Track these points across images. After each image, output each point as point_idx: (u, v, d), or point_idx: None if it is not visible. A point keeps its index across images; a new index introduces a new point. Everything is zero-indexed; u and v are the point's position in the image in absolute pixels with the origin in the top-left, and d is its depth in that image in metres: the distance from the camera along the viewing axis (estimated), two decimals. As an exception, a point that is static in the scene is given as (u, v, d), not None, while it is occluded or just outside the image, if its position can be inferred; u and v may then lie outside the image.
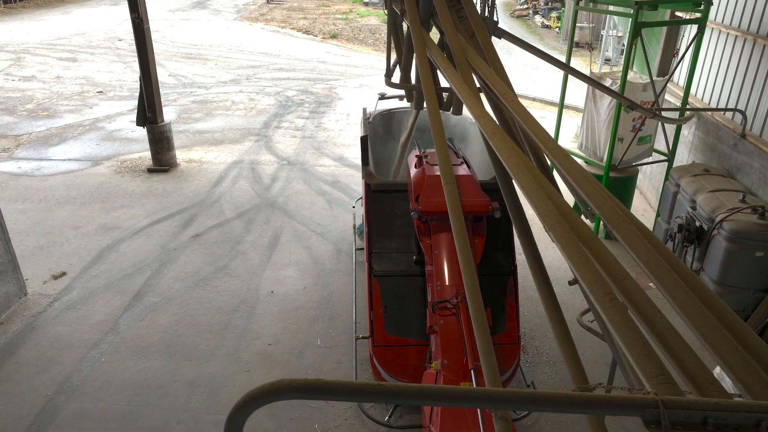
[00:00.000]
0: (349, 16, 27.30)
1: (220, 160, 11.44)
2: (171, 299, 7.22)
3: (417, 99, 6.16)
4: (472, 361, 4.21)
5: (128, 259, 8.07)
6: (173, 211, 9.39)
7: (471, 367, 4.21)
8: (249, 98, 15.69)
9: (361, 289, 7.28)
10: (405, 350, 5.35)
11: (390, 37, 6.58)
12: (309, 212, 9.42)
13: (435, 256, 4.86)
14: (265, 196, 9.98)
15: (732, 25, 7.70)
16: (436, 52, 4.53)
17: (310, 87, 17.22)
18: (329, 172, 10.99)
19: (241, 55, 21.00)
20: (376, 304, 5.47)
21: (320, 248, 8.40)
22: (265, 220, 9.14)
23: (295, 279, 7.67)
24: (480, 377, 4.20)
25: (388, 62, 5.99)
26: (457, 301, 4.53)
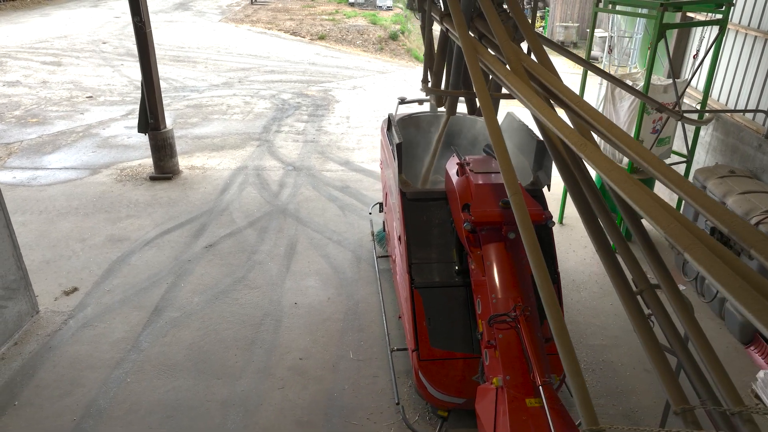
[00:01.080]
0: (336, 17, 27.05)
1: (224, 167, 11.17)
2: (192, 314, 6.97)
3: (450, 104, 6.01)
4: (540, 377, 4.09)
5: (141, 272, 7.79)
6: (182, 221, 9.10)
7: (540, 384, 4.09)
8: (245, 102, 15.39)
9: (388, 298, 7.13)
10: (451, 364, 5.20)
11: (428, 42, 6.40)
12: (322, 219, 9.23)
13: (488, 267, 4.72)
14: (275, 203, 9.75)
15: (751, 26, 7.71)
16: (491, 58, 4.39)
17: (305, 89, 16.98)
18: (337, 177, 10.79)
19: (230, 58, 20.64)
20: (420, 317, 5.32)
21: (339, 256, 8.21)
22: (278, 229, 8.92)
23: (317, 289, 7.47)
24: (548, 393, 4.09)
25: (426, 68, 5.82)
26: (517, 315, 4.40)
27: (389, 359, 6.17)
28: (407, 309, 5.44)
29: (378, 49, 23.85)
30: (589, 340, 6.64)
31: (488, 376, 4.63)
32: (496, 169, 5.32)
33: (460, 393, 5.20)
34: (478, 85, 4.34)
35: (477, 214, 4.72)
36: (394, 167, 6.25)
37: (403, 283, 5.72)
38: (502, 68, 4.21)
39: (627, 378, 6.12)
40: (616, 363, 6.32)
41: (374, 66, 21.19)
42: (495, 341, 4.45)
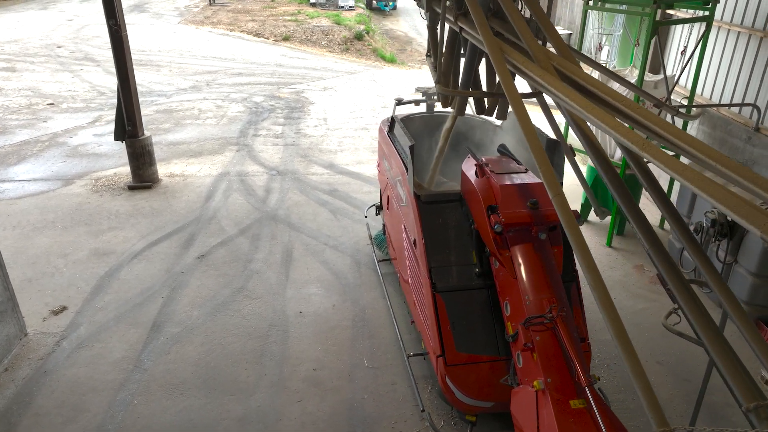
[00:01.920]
0: (299, 18, 26.70)
1: (205, 173, 10.81)
2: (193, 328, 6.69)
3: (460, 105, 5.94)
4: (585, 379, 4.06)
5: (133, 286, 7.44)
6: (169, 231, 8.75)
7: (585, 385, 4.05)
8: (216, 106, 14.99)
9: (395, 303, 7.02)
10: (478, 367, 5.13)
11: (434, 41, 6.29)
12: (315, 224, 9.03)
13: (519, 268, 4.67)
14: (264, 209, 9.49)
15: (734, 22, 7.94)
16: (520, 58, 4.33)
17: (276, 92, 16.67)
18: (324, 181, 10.60)
19: (194, 61, 20.08)
20: (444, 322, 5.23)
21: (337, 262, 8.05)
22: (271, 236, 8.68)
23: (321, 297, 7.29)
24: (593, 394, 4.06)
25: (441, 67, 5.72)
26: (554, 316, 4.37)
27: (406, 365, 6.06)
28: (430, 314, 5.34)
29: (344, 50, 23.66)
30: (599, 335, 6.68)
31: (523, 378, 4.59)
32: (516, 169, 5.29)
33: (489, 396, 5.14)
34: (508, 86, 4.26)
35: (506, 215, 4.67)
36: (403, 169, 6.15)
37: (421, 288, 5.62)
38: (536, 68, 4.16)
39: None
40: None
41: (342, 66, 21.00)
42: (532, 344, 4.40)
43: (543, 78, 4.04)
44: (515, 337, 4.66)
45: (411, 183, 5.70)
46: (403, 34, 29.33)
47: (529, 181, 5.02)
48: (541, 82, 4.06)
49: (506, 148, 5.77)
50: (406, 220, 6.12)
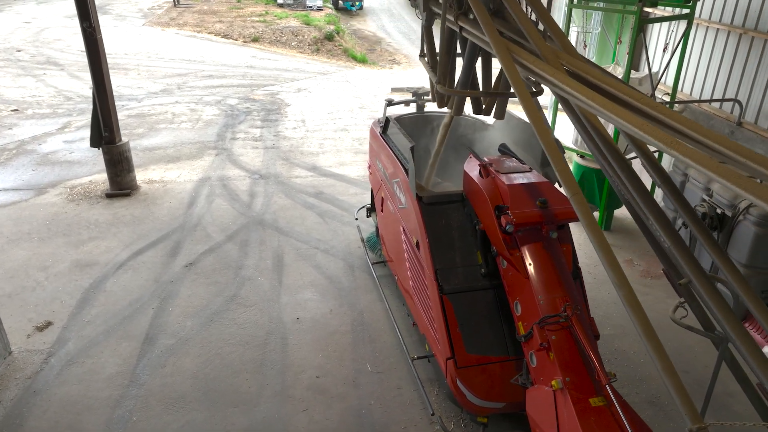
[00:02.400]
0: (267, 18, 26.36)
1: (185, 179, 10.55)
2: (188, 339, 6.49)
3: (458, 105, 5.90)
4: (605, 377, 4.07)
5: (121, 298, 7.18)
6: (153, 239, 8.49)
7: (605, 383, 4.06)
8: (190, 109, 14.65)
9: (394, 305, 6.95)
10: (489, 368, 5.11)
11: (430, 41, 6.23)
12: (303, 228, 8.89)
13: (530, 268, 4.65)
14: (250, 214, 9.30)
15: (713, 19, 8.12)
16: (530, 58, 4.32)
17: (250, 94, 16.40)
18: (308, 184, 10.46)
19: (162, 63, 19.61)
20: (452, 324, 5.19)
21: (330, 266, 7.93)
22: (260, 241, 8.51)
23: (316, 302, 7.18)
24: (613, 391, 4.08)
25: (441, 67, 5.65)
26: (569, 315, 4.37)
27: (411, 369, 6.01)
28: (437, 317, 5.30)
29: (314, 50, 23.47)
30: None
31: (537, 378, 4.58)
32: (521, 168, 5.28)
33: (500, 397, 5.12)
34: (518, 86, 4.25)
35: (517, 215, 4.65)
36: (401, 171, 6.09)
37: (426, 291, 5.57)
38: (548, 67, 4.15)
39: (641, 365, 6.29)
40: (628, 351, 6.48)
41: (314, 67, 20.82)
42: (547, 343, 4.39)
43: (557, 77, 4.03)
44: (528, 337, 4.64)
45: (413, 185, 5.65)
46: (372, 34, 29.27)
47: (535, 180, 5.02)
48: (555, 82, 4.05)
49: (507, 147, 5.76)
50: (406, 222, 6.06)
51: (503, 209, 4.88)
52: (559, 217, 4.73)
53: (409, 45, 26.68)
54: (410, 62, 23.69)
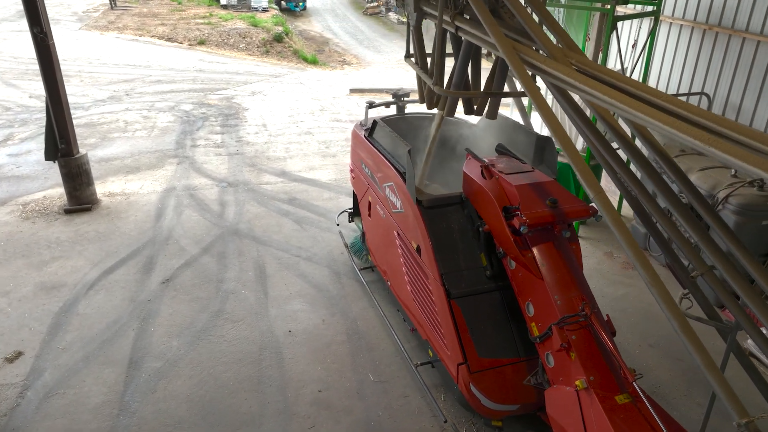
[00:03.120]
0: (212, 20, 25.61)
1: (148, 190, 10.05)
2: (176, 360, 6.15)
3: (450, 106, 5.83)
4: (630, 374, 4.08)
5: (96, 321, 6.74)
6: (123, 256, 8.03)
7: (632, 380, 4.08)
8: (143, 117, 14.01)
9: (388, 312, 6.82)
10: (502, 371, 5.07)
11: (420, 42, 6.11)
12: (282, 236, 8.63)
13: (544, 269, 4.63)
14: (223, 224, 8.95)
15: (676, 15, 8.39)
16: (539, 56, 4.28)
17: (204, 99, 15.87)
18: (279, 190, 10.17)
19: (106, 69, 18.72)
20: (462, 329, 5.12)
21: (315, 274, 7.72)
22: (238, 252, 8.19)
23: (307, 312, 6.96)
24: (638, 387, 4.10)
25: (438, 69, 5.53)
26: (588, 314, 4.37)
27: (415, 376, 5.90)
28: (445, 322, 5.21)
29: (264, 52, 22.99)
30: (589, 324, 6.84)
31: (556, 379, 4.56)
32: (524, 168, 5.26)
33: (514, 399, 5.08)
34: (529, 86, 4.20)
35: (530, 216, 4.61)
36: (395, 174, 5.97)
37: (429, 296, 5.48)
38: (560, 66, 4.12)
39: (637, 356, 6.40)
40: (623, 342, 6.58)
41: (265, 70, 20.38)
42: (568, 343, 4.37)
43: (572, 76, 4.01)
44: (544, 338, 4.62)
45: (412, 189, 5.53)
46: (318, 35, 29.00)
47: (541, 180, 5.00)
48: (570, 81, 4.02)
49: (505, 147, 5.74)
50: (402, 227, 5.94)
51: (512, 210, 4.84)
52: (570, 216, 4.73)
53: (358, 45, 26.57)
54: (361, 62, 23.57)
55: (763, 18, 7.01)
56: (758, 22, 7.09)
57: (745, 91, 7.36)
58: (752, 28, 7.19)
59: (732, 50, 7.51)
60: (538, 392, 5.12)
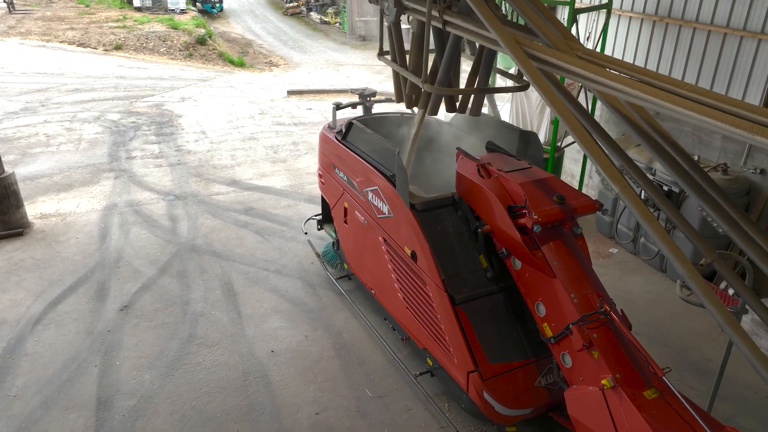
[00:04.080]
0: (127, 24, 24.10)
1: (86, 208, 9.18)
2: (152, 396, 5.57)
3: (434, 104, 5.61)
4: (659, 369, 4.03)
5: (50, 360, 6.01)
6: (69, 284, 7.25)
7: (662, 375, 4.03)
8: (65, 129, 12.88)
9: (374, 321, 6.53)
10: (513, 375, 4.92)
11: (399, 38, 5.82)
12: (244, 250, 8.11)
13: (556, 267, 4.51)
14: (178, 240, 8.30)
15: (624, 8, 8.61)
16: (546, 49, 4.14)
17: (131, 107, 14.84)
18: (233, 200, 9.59)
19: (14, 78, 17.12)
20: (470, 335, 4.93)
21: (288, 287, 7.29)
22: (200, 270, 7.60)
23: (287, 329, 6.54)
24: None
25: (425, 66, 5.27)
26: (607, 310, 4.28)
27: (414, 387, 5.65)
28: (451, 329, 4.99)
29: (187, 56, 21.91)
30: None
31: (576, 379, 4.46)
32: (521, 165, 5.13)
33: (527, 403, 4.95)
34: (537, 80, 4.05)
35: (541, 214, 4.47)
36: (380, 178, 5.69)
37: (428, 303, 5.24)
38: (570, 58, 4.00)
39: (626, 344, 6.44)
40: (610, 333, 6.62)
41: (191, 74, 19.40)
42: (589, 342, 4.27)
43: (582, 67, 3.89)
44: (559, 338, 4.51)
45: (404, 193, 5.27)
46: (240, 36, 28.07)
47: (542, 176, 4.88)
48: (582, 73, 3.90)
49: (495, 144, 5.59)
50: (392, 233, 5.67)
51: (516, 209, 4.69)
52: (578, 212, 4.64)
53: (282, 46, 25.93)
54: (288, 64, 22.96)
55: (713, 8, 7.29)
56: (708, 12, 7.36)
57: (698, 81, 7.63)
58: (702, 18, 7.47)
59: (683, 40, 7.77)
60: (550, 393, 5.03)
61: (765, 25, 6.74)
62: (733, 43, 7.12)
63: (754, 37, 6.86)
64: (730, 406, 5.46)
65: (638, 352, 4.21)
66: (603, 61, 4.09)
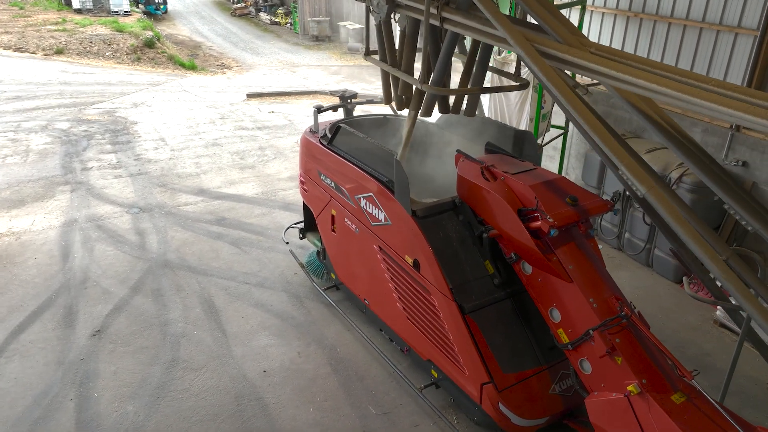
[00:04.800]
0: (67, 27, 22.84)
1: (43, 225, 8.52)
2: (138, 429, 5.13)
3: (428, 104, 5.38)
4: (687, 372, 3.93)
5: (19, 396, 5.46)
6: (32, 309, 6.66)
7: (691, 378, 3.93)
8: (10, 140, 12.00)
9: (368, 332, 6.26)
10: (528, 384, 4.76)
11: (390, 37, 5.55)
12: (222, 263, 7.68)
13: (572, 271, 4.35)
14: (148, 256, 7.79)
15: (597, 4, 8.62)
16: (560, 46, 3.97)
17: (80, 114, 14.01)
18: (203, 210, 9.11)
19: (-55, 87, 15.93)
20: (482, 345, 4.73)
21: (273, 301, 6.93)
22: (175, 287, 7.14)
23: (277, 346, 6.18)
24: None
25: (425, 65, 4.97)
26: (629, 314, 4.16)
27: (418, 401, 5.42)
28: (461, 340, 4.79)
29: (135, 60, 20.98)
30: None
31: (596, 385, 4.32)
32: (527, 167, 4.96)
33: (543, 412, 4.80)
34: (552, 77, 3.88)
35: (556, 216, 4.30)
36: (374, 184, 5.42)
37: (434, 314, 5.02)
38: (581, 53, 3.84)
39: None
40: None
41: (141, 78, 18.56)
42: (612, 347, 4.13)
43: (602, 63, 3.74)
44: (577, 344, 4.36)
45: (405, 200, 5.02)
46: (188, 39, 27.18)
47: (551, 177, 4.73)
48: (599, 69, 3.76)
49: (494, 144, 5.40)
50: (389, 241, 5.41)
51: (527, 212, 4.52)
52: (591, 212, 4.51)
53: (233, 48, 25.24)
54: (242, 66, 22.33)
55: (688, 3, 7.35)
56: (683, 7, 7.42)
57: (674, 74, 7.69)
58: (677, 13, 7.53)
59: (658, 36, 7.83)
60: (565, 399, 4.90)
61: (741, 19, 6.83)
62: (710, 37, 7.19)
63: (730, 32, 6.95)
64: (735, 401, 5.45)
65: (662, 354, 4.11)
66: (616, 56, 3.96)
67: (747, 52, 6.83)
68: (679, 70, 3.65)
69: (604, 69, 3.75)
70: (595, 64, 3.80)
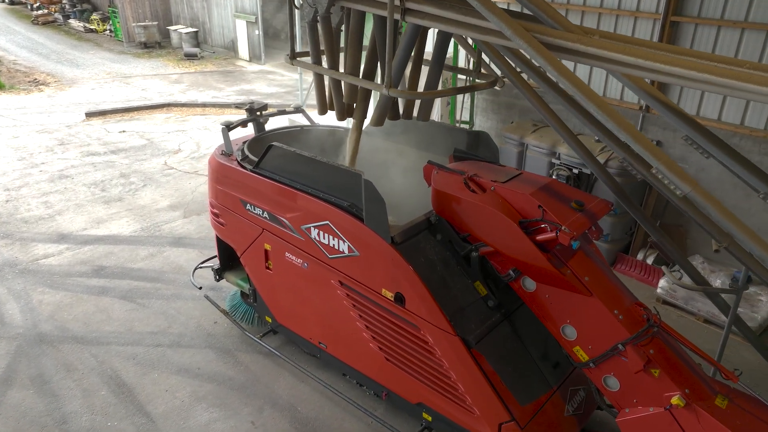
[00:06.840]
0: None
1: None
2: None
3: (381, 111, 4.61)
4: (732, 375, 3.71)
5: None
6: None
7: (736, 381, 3.71)
8: None
9: (329, 379, 5.37)
10: (545, 412, 4.29)
11: (329, 34, 4.65)
12: (117, 325, 6.21)
13: (589, 283, 3.93)
14: (12, 332, 6.04)
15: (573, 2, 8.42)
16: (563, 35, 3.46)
17: None
18: (72, 261, 7.37)
19: None
20: (495, 380, 4.16)
21: (199, 362, 5.71)
22: (64, 368, 5.58)
23: (224, 420, 5.04)
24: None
25: (384, 67, 4.12)
26: (657, 321, 3.85)
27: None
28: (470, 377, 4.18)
29: None
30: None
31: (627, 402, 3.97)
32: (513, 172, 4.45)
33: (562, 432, 4.37)
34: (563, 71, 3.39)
35: (572, 225, 3.83)
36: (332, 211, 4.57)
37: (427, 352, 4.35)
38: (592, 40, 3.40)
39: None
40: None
41: None
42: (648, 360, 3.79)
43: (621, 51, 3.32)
44: (600, 361, 3.98)
45: (384, 225, 4.25)
46: (-21, 52, 23.17)
47: (544, 182, 4.27)
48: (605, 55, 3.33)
49: (462, 150, 4.81)
50: (357, 274, 4.60)
51: (530, 224, 4.01)
52: (599, 216, 4.12)
53: (45, 61, 21.98)
54: (61, 82, 19.41)
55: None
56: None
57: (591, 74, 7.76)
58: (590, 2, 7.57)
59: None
60: (579, 419, 4.52)
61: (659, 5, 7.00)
62: (628, 23, 7.34)
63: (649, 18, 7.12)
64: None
65: (706, 358, 3.87)
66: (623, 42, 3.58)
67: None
68: (704, 54, 3.36)
69: (624, 57, 3.33)
70: (611, 51, 3.37)
